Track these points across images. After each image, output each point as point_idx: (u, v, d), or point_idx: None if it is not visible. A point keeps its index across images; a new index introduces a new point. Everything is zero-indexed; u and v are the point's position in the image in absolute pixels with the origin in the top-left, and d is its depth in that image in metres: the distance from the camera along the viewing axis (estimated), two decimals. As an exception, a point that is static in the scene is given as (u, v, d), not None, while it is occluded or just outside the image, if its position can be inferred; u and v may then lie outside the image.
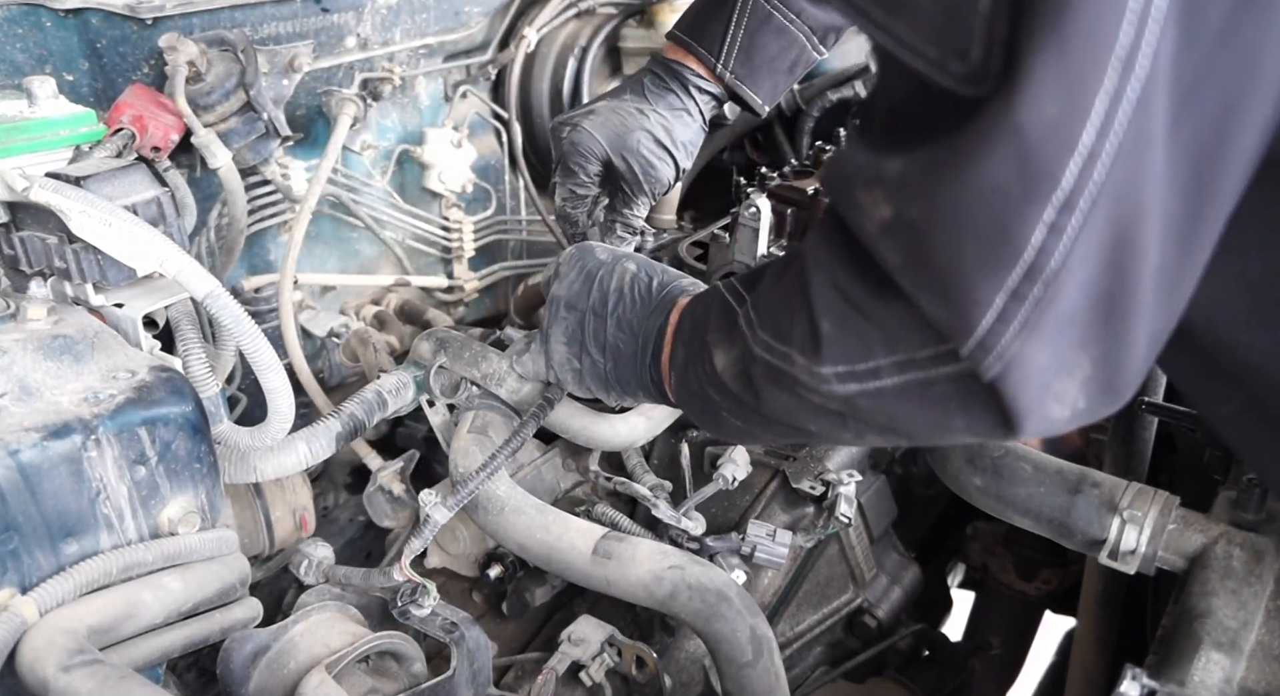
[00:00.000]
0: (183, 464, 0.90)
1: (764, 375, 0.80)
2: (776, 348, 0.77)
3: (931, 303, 0.62)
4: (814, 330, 0.71)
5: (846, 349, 0.70)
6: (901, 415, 0.70)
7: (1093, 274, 0.57)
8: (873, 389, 0.69)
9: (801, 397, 0.76)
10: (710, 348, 0.87)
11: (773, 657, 1.02)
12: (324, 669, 0.91)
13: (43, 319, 0.92)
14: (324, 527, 1.51)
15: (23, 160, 0.96)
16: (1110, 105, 0.52)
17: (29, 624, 0.79)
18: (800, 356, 0.73)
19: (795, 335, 0.74)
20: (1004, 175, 0.55)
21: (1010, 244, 0.56)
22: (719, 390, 0.87)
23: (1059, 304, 0.57)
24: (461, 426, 1.18)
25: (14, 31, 1.11)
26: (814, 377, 0.72)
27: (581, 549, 1.05)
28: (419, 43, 1.54)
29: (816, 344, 0.71)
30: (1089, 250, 0.56)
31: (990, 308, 0.58)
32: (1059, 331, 0.59)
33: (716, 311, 0.89)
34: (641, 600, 1.04)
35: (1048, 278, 0.56)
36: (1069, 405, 0.62)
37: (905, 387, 0.68)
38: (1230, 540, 0.98)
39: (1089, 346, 0.60)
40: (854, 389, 0.70)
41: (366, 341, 1.41)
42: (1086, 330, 0.59)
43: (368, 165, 1.54)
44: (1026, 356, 0.59)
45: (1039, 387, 0.61)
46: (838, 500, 1.27)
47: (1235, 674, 0.87)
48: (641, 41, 1.74)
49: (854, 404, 0.72)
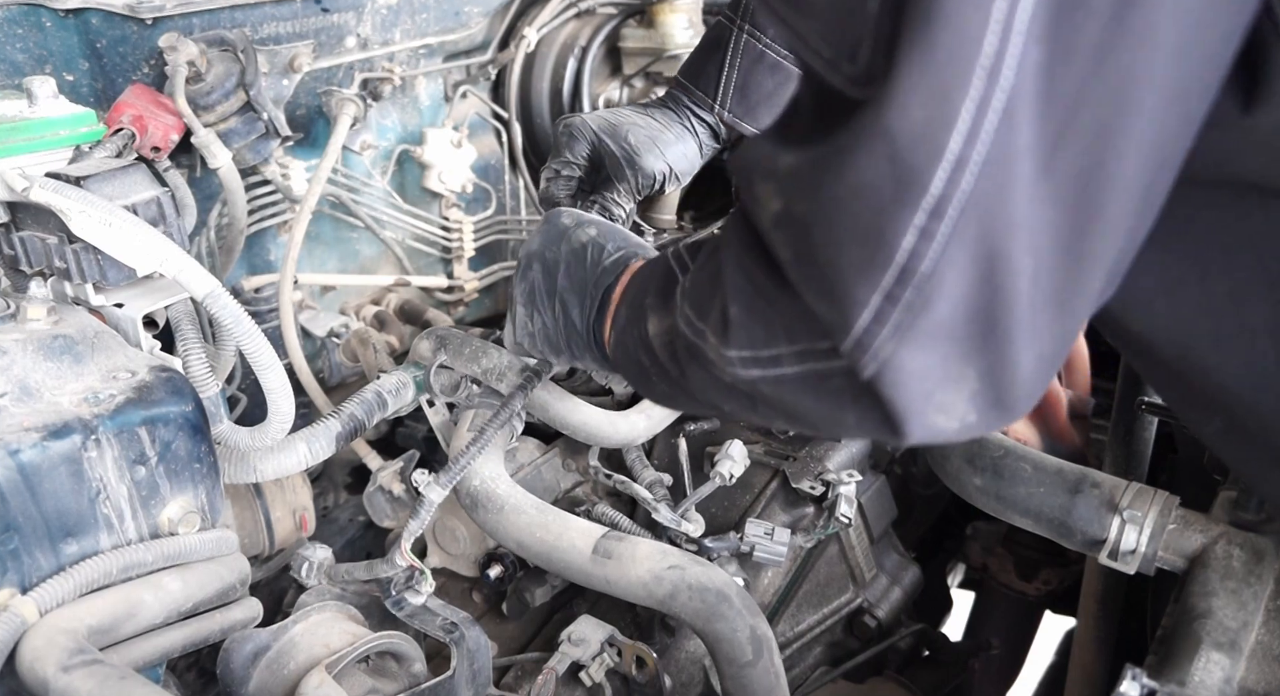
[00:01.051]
0: (183, 464, 0.90)
1: (684, 348, 0.81)
2: (695, 324, 0.78)
3: (815, 298, 0.63)
4: (724, 313, 0.72)
5: (751, 334, 0.70)
6: (800, 404, 0.71)
7: (968, 285, 0.57)
8: (774, 376, 0.70)
9: (714, 376, 0.77)
10: (646, 311, 0.88)
11: (773, 657, 1.02)
12: (324, 669, 0.91)
13: (43, 319, 0.92)
14: (324, 527, 1.51)
15: (23, 160, 0.96)
16: (977, 114, 0.52)
17: (29, 624, 0.79)
18: (713, 336, 0.74)
19: (711, 315, 0.75)
20: (877, 177, 0.55)
21: (884, 246, 0.57)
22: (649, 354, 0.88)
23: (934, 311, 0.58)
24: (461, 425, 1.18)
25: (14, 31, 1.11)
26: (722, 359, 0.73)
27: (581, 548, 1.05)
28: (419, 43, 1.54)
29: (725, 326, 0.72)
30: (961, 259, 0.56)
31: (866, 307, 0.59)
32: (936, 340, 0.59)
33: (659, 277, 0.90)
34: (641, 600, 1.04)
35: (920, 282, 0.57)
36: (957, 417, 0.63)
37: (804, 377, 0.68)
38: (1230, 540, 0.98)
39: (972, 360, 0.60)
40: (756, 374, 0.71)
41: (366, 341, 1.41)
42: (967, 343, 0.60)
43: (368, 165, 1.54)
44: (902, 360, 0.60)
45: (919, 395, 0.61)
46: (838, 500, 1.27)
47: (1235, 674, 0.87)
48: (641, 41, 1.74)
49: (757, 388, 0.73)
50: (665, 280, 0.88)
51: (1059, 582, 1.74)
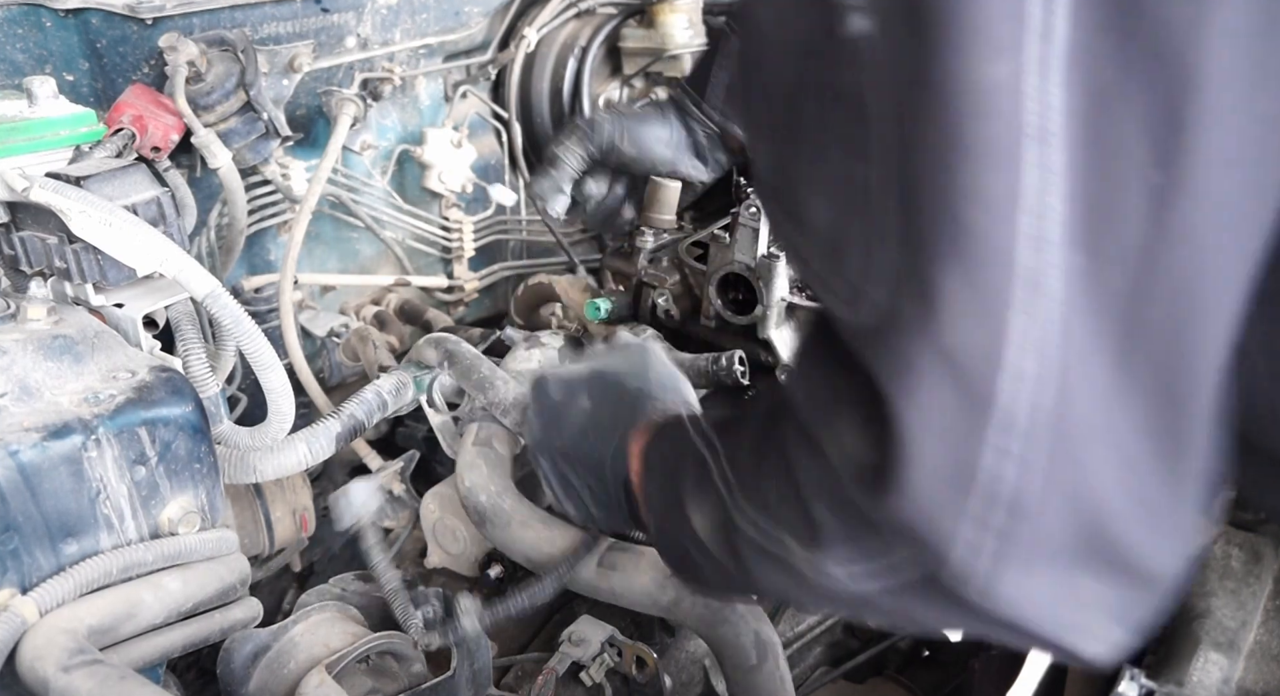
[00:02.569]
0: (183, 464, 0.90)
1: (752, 550, 0.72)
2: (766, 528, 0.70)
3: (902, 538, 0.58)
4: (810, 522, 0.64)
5: (857, 544, 0.62)
6: (930, 613, 0.63)
7: (1059, 498, 0.54)
8: (896, 585, 0.62)
9: (795, 576, 0.68)
10: (685, 506, 0.80)
11: (778, 662, 1.02)
12: (324, 669, 0.91)
13: (43, 319, 0.92)
14: (324, 527, 1.51)
15: (23, 160, 0.96)
16: (1027, 324, 0.51)
17: (29, 624, 0.79)
18: (797, 545, 0.66)
19: (787, 520, 0.67)
20: (946, 402, 0.53)
21: (964, 474, 0.54)
22: (700, 551, 0.80)
23: (1032, 532, 0.55)
24: (466, 439, 1.19)
25: (14, 31, 1.11)
26: (818, 573, 0.65)
27: (587, 560, 1.06)
28: (419, 43, 1.54)
29: (814, 536, 0.64)
30: (1044, 473, 0.54)
31: (958, 539, 0.55)
32: (1042, 560, 0.56)
33: (690, 462, 0.81)
34: (647, 608, 1.04)
35: (1008, 504, 0.54)
36: (1102, 636, 0.58)
37: (925, 584, 0.60)
38: (1229, 540, 0.98)
39: (1088, 572, 0.57)
40: (875, 587, 0.63)
41: (366, 341, 1.41)
42: (1077, 557, 0.56)
43: (368, 165, 1.54)
44: (1012, 585, 0.56)
45: (1049, 618, 0.57)
46: (838, 500, 1.27)
47: (1234, 674, 0.87)
48: (641, 41, 1.74)
49: (870, 601, 0.65)
50: (697, 467, 0.80)
51: (1059, 582, 1.74)
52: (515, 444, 1.21)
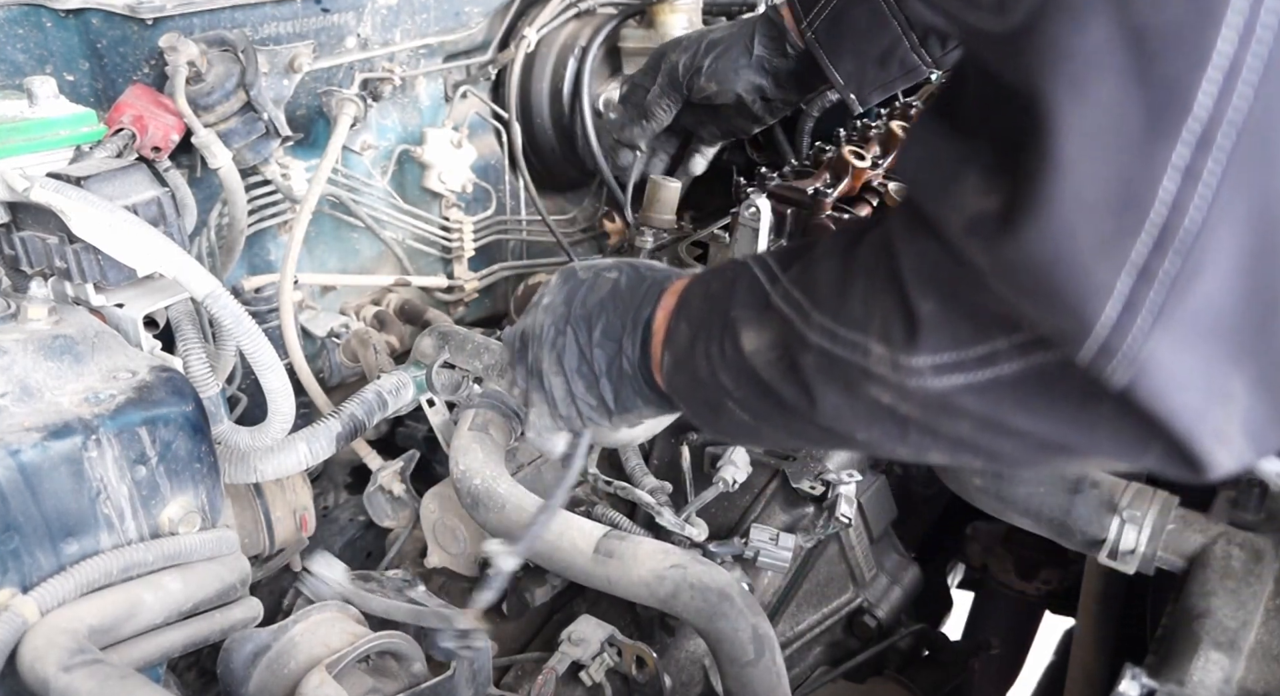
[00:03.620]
0: (183, 464, 0.90)
1: (817, 367, 0.66)
2: (843, 335, 0.63)
3: (1033, 305, 0.50)
4: (907, 313, 0.57)
5: (954, 332, 0.56)
6: (1021, 414, 0.56)
7: (1245, 250, 0.44)
8: (986, 380, 0.55)
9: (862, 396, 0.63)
10: (736, 326, 0.73)
11: (775, 657, 1.02)
12: (324, 668, 0.91)
13: (43, 319, 0.92)
14: (324, 527, 1.51)
15: (23, 160, 0.96)
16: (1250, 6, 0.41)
17: (30, 623, 0.79)
18: (880, 345, 0.60)
19: (875, 319, 0.60)
20: (1118, 103, 0.43)
21: (1134, 200, 0.44)
22: (738, 376, 0.73)
23: (1202, 286, 0.45)
24: (462, 424, 1.19)
25: (14, 32, 1.11)
26: (898, 372, 0.59)
27: (583, 547, 1.05)
28: (419, 43, 1.54)
29: (911, 329, 0.57)
30: (1237, 209, 0.43)
31: (1112, 295, 0.46)
32: (1204, 330, 0.47)
33: (744, 286, 0.75)
34: (643, 599, 1.04)
35: (1184, 244, 0.44)
36: (1234, 450, 0.50)
37: (1031, 375, 0.54)
38: (1229, 540, 0.98)
39: (1242, 360, 0.47)
40: (958, 382, 0.56)
41: (366, 341, 1.41)
42: (1238, 334, 0.47)
43: (368, 165, 1.54)
44: (1164, 361, 0.47)
45: (1191, 412, 0.48)
46: (838, 500, 1.27)
47: (1234, 673, 0.87)
48: (641, 41, 1.74)
49: (952, 404, 0.58)
50: (751, 289, 0.74)
51: (1059, 582, 1.74)
52: (511, 431, 1.21)
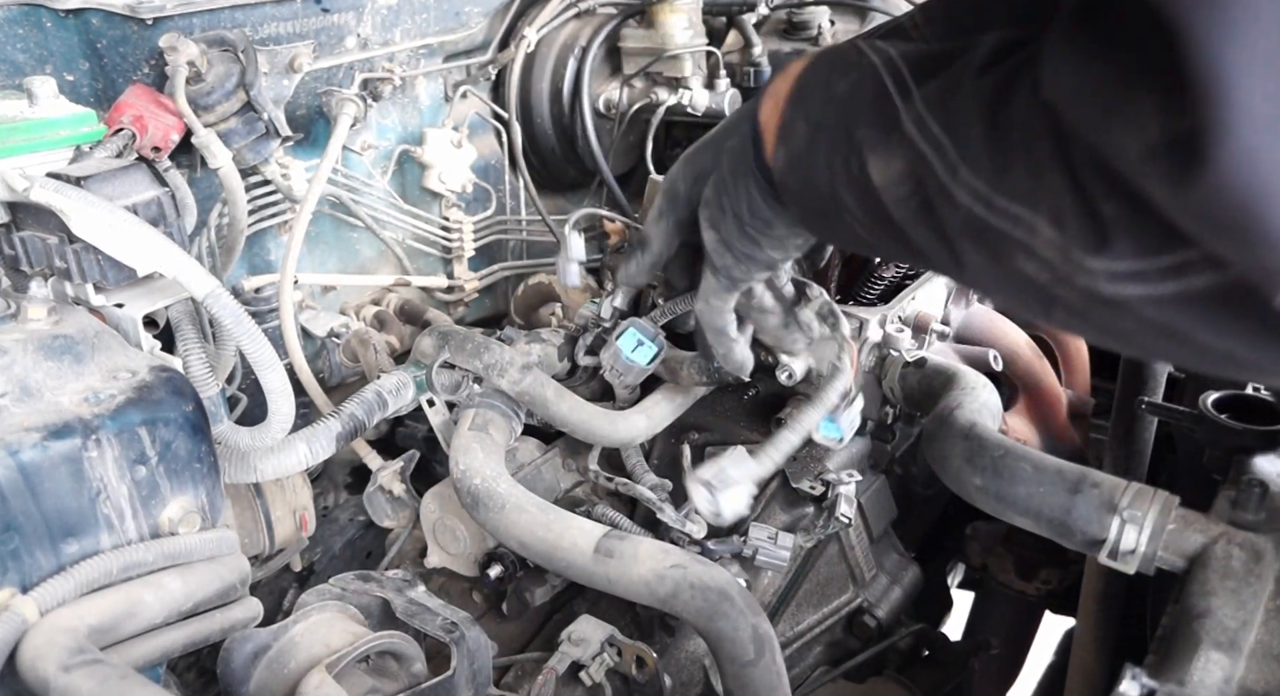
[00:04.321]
0: (183, 464, 0.90)
1: (963, 227, 0.59)
2: (1003, 206, 0.56)
3: (1234, 241, 0.45)
4: (1089, 211, 0.50)
5: (1139, 239, 0.49)
6: (1204, 329, 0.51)
7: None
8: (1169, 293, 0.50)
9: (1014, 269, 0.56)
10: (862, 148, 0.66)
11: (774, 656, 1.02)
12: (324, 668, 0.91)
13: (43, 319, 0.92)
14: (324, 527, 1.51)
15: (23, 160, 0.96)
16: None
17: (30, 623, 0.79)
18: (1053, 230, 0.53)
19: (1044, 199, 0.53)
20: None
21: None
22: (863, 200, 0.67)
23: None
24: (462, 424, 1.19)
25: (14, 31, 1.11)
26: (1069, 265, 0.52)
27: (583, 547, 1.05)
28: (419, 43, 1.54)
29: (1097, 230, 0.50)
30: None
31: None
32: None
33: (870, 100, 0.66)
34: (643, 598, 1.04)
35: None
36: None
37: (1221, 290, 0.48)
38: (1230, 540, 0.98)
39: None
40: (1137, 292, 0.51)
41: (366, 341, 1.41)
42: None
43: (368, 165, 1.54)
44: None
45: None
46: (837, 500, 1.27)
47: (1235, 673, 0.87)
48: (641, 41, 1.74)
49: (1127, 310, 0.52)
50: (877, 103, 0.65)
51: (1059, 582, 1.74)
52: (511, 431, 1.21)
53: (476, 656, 1.01)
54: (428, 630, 1.03)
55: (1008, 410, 1.59)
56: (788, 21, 1.98)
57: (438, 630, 1.02)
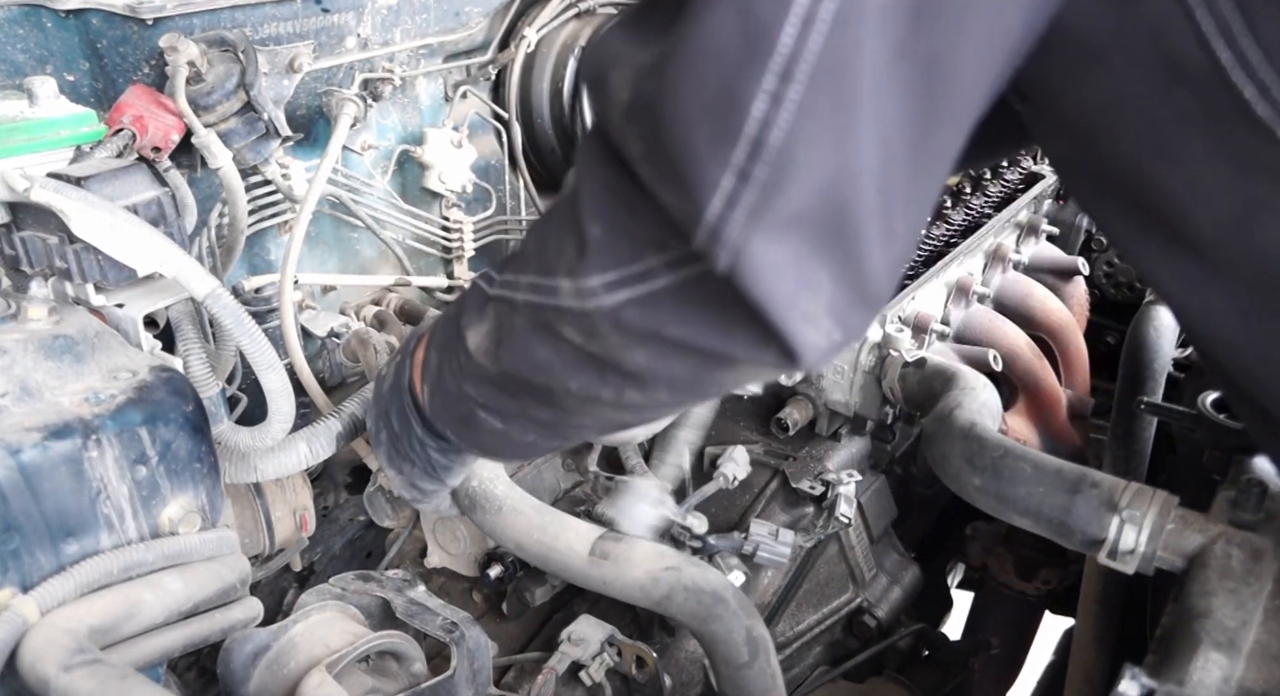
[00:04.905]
0: (183, 464, 0.90)
1: (526, 325, 0.75)
2: (542, 283, 0.72)
3: (667, 189, 0.60)
4: (581, 241, 0.67)
5: (616, 251, 0.66)
6: (674, 323, 0.66)
7: (820, 164, 0.55)
8: (645, 293, 0.66)
9: (563, 342, 0.72)
10: (463, 332, 0.83)
11: (769, 658, 1.02)
12: (324, 668, 0.91)
13: (44, 319, 0.92)
14: (324, 527, 1.51)
15: (24, 160, 0.96)
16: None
17: (30, 623, 0.79)
18: (566, 279, 0.69)
19: (562, 259, 0.70)
20: (727, 35, 0.54)
21: (735, 113, 0.54)
22: (474, 379, 0.84)
23: (787, 192, 0.56)
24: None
25: (15, 32, 1.11)
26: (580, 296, 0.68)
27: (578, 549, 1.05)
28: (419, 43, 1.54)
29: (583, 252, 0.67)
30: (813, 131, 0.54)
31: (718, 189, 0.56)
32: (790, 230, 0.57)
33: (471, 296, 0.84)
34: (638, 601, 1.04)
35: (772, 156, 0.55)
36: (823, 331, 0.60)
37: (678, 288, 0.64)
38: (1229, 540, 0.98)
39: (824, 258, 0.58)
40: (624, 297, 0.66)
41: (367, 342, 1.41)
42: (820, 236, 0.58)
43: (368, 165, 1.54)
44: (758, 251, 0.57)
45: (783, 297, 0.59)
46: (837, 500, 1.27)
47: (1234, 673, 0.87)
48: (641, 42, 1.74)
49: (622, 319, 0.67)
50: (476, 296, 0.83)
51: (1059, 582, 1.74)
52: None
53: (476, 656, 1.01)
54: (428, 630, 1.03)
55: (1008, 410, 1.59)
56: (788, 21, 1.98)
57: (438, 630, 1.02)
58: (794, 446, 1.40)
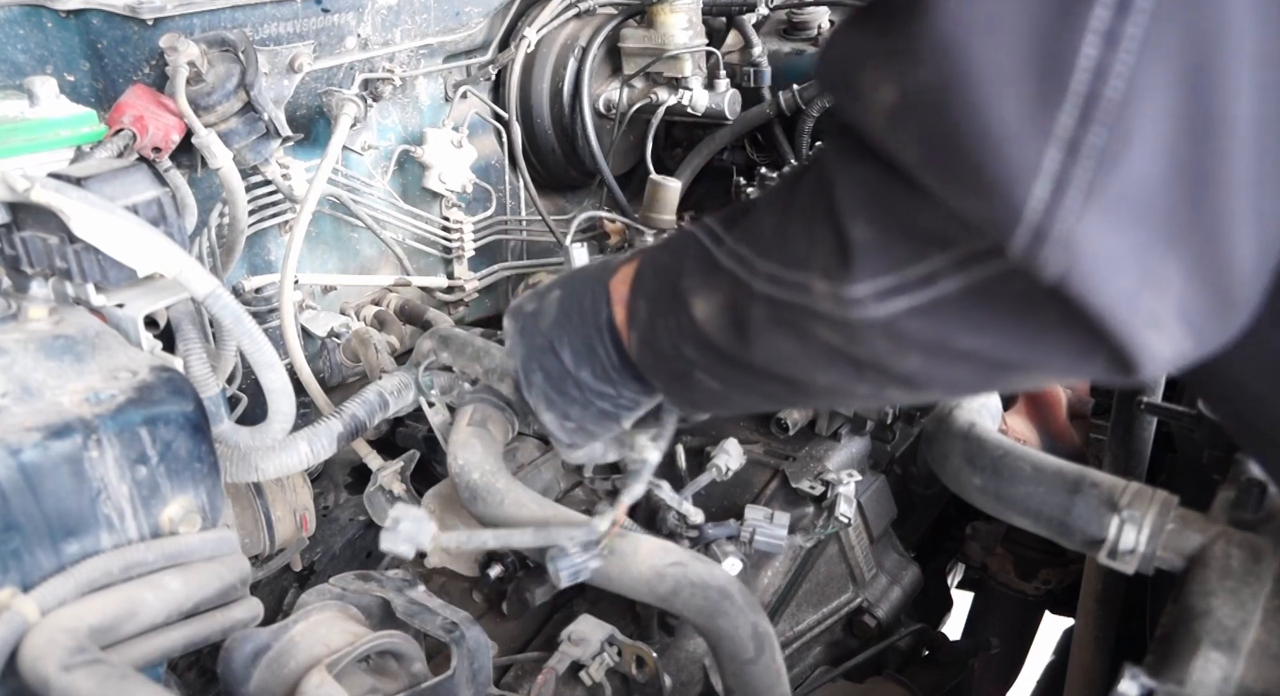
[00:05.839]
0: (183, 464, 0.91)
1: (766, 317, 0.65)
2: (787, 278, 0.62)
3: (966, 194, 0.48)
4: (843, 242, 0.56)
5: (890, 254, 0.55)
6: (966, 333, 0.55)
7: (1173, 120, 0.43)
8: (928, 301, 0.54)
9: (812, 340, 0.62)
10: (686, 296, 0.73)
11: (774, 655, 1.02)
12: (324, 668, 0.91)
13: (44, 319, 0.92)
14: (324, 527, 1.51)
15: (24, 160, 0.96)
16: None
17: (30, 623, 0.79)
18: (822, 281, 0.58)
19: (816, 255, 0.59)
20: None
21: (1054, 67, 0.43)
22: (697, 345, 0.73)
23: (1131, 161, 0.44)
24: (460, 420, 1.19)
25: (15, 32, 1.11)
26: (841, 305, 0.57)
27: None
28: (419, 43, 1.54)
29: (847, 257, 0.56)
30: (1163, 77, 0.43)
31: (1040, 173, 0.44)
32: (1136, 210, 0.45)
33: (692, 256, 0.74)
34: (643, 596, 1.03)
35: (1109, 114, 0.43)
36: (1169, 337, 0.48)
37: (973, 292, 0.52)
38: (1229, 540, 0.98)
39: (1176, 244, 0.46)
40: (901, 306, 0.55)
41: (367, 341, 1.41)
42: (1171, 215, 0.45)
43: (368, 165, 1.54)
44: (1097, 245, 0.45)
45: (1123, 293, 0.46)
46: (837, 500, 1.27)
47: (1234, 673, 0.87)
48: (641, 41, 1.74)
49: (898, 331, 0.56)
50: (700, 257, 0.72)
51: (1058, 582, 1.74)
52: (509, 428, 1.21)
53: (476, 656, 1.01)
54: (428, 630, 1.03)
55: (1008, 410, 1.59)
56: (787, 21, 1.98)
57: (438, 630, 1.02)
58: (794, 446, 1.40)
